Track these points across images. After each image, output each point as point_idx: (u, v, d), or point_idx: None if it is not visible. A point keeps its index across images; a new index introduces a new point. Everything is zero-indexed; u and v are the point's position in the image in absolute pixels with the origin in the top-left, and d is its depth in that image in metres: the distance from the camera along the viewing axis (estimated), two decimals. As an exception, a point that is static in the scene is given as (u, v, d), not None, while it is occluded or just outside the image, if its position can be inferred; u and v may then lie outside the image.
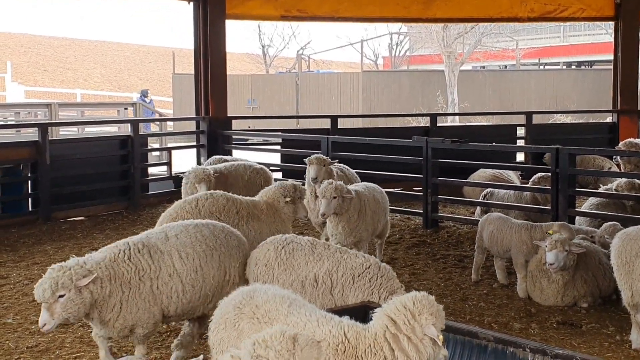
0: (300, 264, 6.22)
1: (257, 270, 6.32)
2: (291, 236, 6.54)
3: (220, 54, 15.59)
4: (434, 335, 4.28)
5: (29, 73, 57.01)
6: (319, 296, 6.05)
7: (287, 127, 20.97)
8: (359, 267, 6.09)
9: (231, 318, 4.67)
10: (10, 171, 12.66)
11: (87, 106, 30.92)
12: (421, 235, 11.70)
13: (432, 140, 12.49)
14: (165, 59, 62.27)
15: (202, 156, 15.60)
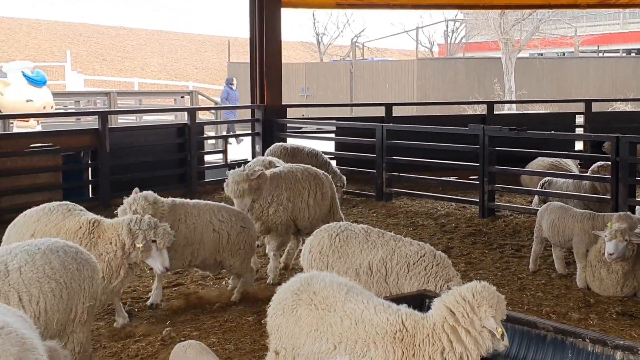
0: (355, 251, 6.22)
1: (311, 257, 6.34)
2: (345, 224, 6.55)
3: (276, 43, 15.64)
4: (492, 328, 4.25)
5: (88, 62, 57.99)
6: (374, 284, 6.04)
7: (341, 115, 21.00)
8: (414, 255, 6.06)
9: (289, 304, 4.71)
10: (71, 158, 12.91)
11: (144, 95, 31.33)
12: (477, 225, 11.61)
13: (489, 128, 12.36)
14: (221, 48, 62.74)
15: (257, 144, 15.72)
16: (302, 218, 8.92)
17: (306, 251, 6.43)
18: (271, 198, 8.63)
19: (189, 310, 7.69)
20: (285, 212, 8.72)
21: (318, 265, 6.23)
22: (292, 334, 4.65)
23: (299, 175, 8.99)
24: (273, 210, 8.63)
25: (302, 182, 8.96)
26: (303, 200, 8.89)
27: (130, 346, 6.67)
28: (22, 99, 20.50)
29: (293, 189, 8.84)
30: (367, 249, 6.20)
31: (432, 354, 4.28)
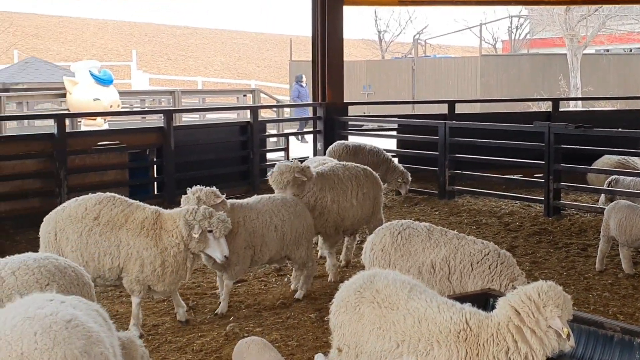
0: (417, 250, 6.19)
1: (372, 255, 6.33)
2: (408, 221, 6.52)
3: (338, 41, 15.66)
4: (558, 328, 4.19)
5: (153, 61, 58.95)
6: (437, 283, 6.01)
7: (403, 113, 20.89)
8: (478, 253, 6.01)
9: (352, 302, 4.71)
10: (137, 156, 13.14)
11: (208, 93, 31.69)
12: (542, 223, 11.44)
13: (554, 125, 12.17)
14: (283, 46, 63.08)
15: (318, 142, 15.77)
16: (347, 217, 8.73)
17: (368, 249, 6.42)
18: (314, 200, 8.43)
19: (252, 307, 7.77)
20: (331, 214, 8.54)
21: (380, 263, 6.23)
22: (354, 331, 4.66)
23: (341, 174, 8.80)
24: (318, 213, 8.43)
25: (344, 182, 8.77)
26: (347, 200, 8.71)
27: (195, 341, 6.77)
28: (90, 97, 20.97)
29: (337, 189, 8.66)
30: (430, 247, 6.17)
31: (497, 353, 4.24)
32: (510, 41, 54.18)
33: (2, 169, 11.24)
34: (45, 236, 6.88)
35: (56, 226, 6.84)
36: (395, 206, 13.06)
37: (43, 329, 3.55)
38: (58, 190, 11.50)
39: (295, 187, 8.23)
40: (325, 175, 8.66)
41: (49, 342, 3.50)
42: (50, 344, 3.50)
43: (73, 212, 6.87)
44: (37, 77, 25.44)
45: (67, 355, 3.50)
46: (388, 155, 13.40)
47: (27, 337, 3.51)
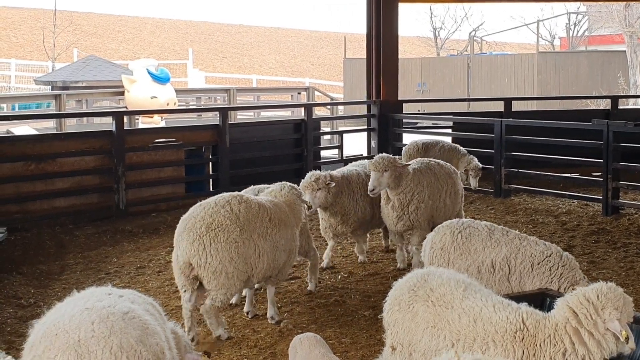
0: (477, 248, 6.13)
1: (432, 253, 6.30)
2: (468, 220, 6.48)
3: (393, 38, 15.61)
4: (616, 330, 4.12)
5: (209, 59, 59.50)
6: (496, 282, 5.95)
7: (458, 111, 20.73)
8: (539, 255, 5.93)
9: (405, 300, 4.70)
10: (193, 153, 13.30)
11: (262, 91, 31.89)
12: (600, 223, 11.24)
13: (613, 123, 11.96)
14: (336, 44, 63.08)
15: (372, 140, 15.75)
16: (438, 217, 8.74)
17: (427, 247, 6.39)
18: (412, 195, 8.56)
19: (305, 304, 7.80)
20: (427, 209, 8.66)
21: (439, 262, 6.20)
22: (408, 329, 4.64)
23: (437, 172, 8.98)
24: (414, 207, 8.57)
25: (440, 180, 8.93)
26: (441, 199, 8.87)
27: (250, 337, 6.83)
28: (147, 95, 21.29)
29: (433, 186, 8.81)
30: (490, 247, 6.10)
31: (554, 355, 4.18)
32: (568, 38, 53.29)
33: (62, 166, 11.48)
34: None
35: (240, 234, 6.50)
36: (449, 204, 12.95)
37: (100, 319, 3.65)
38: (116, 187, 11.71)
39: (393, 178, 8.38)
40: (423, 171, 8.85)
41: (105, 330, 3.60)
42: (107, 332, 3.60)
43: (249, 217, 6.57)
44: (96, 75, 25.89)
45: (123, 344, 3.59)
46: (462, 150, 13.33)
47: (84, 325, 3.61)
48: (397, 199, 8.54)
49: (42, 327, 3.72)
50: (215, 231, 6.38)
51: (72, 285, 8.21)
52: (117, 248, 10.28)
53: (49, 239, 10.38)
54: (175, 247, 6.54)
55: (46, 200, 11.31)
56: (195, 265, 6.34)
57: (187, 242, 6.37)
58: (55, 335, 3.59)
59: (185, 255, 6.36)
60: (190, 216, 6.54)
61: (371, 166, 8.36)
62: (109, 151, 11.79)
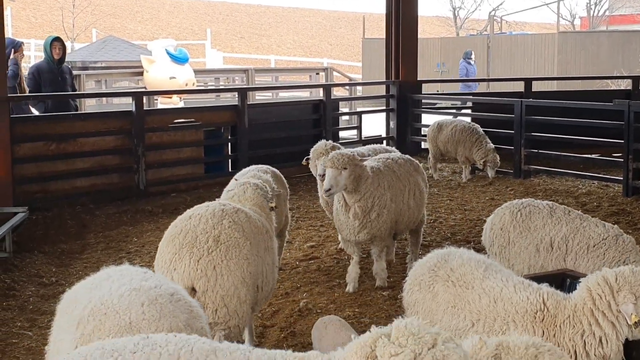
0: (537, 226, 6.07)
1: (492, 234, 6.27)
2: (529, 200, 6.40)
3: (412, 18, 15.53)
4: (627, 313, 4.09)
5: (227, 40, 59.43)
6: (552, 261, 5.88)
7: (477, 91, 20.61)
8: (596, 237, 5.85)
9: (426, 280, 4.71)
10: (212, 134, 13.33)
11: (280, 72, 31.83)
12: (620, 204, 11.18)
13: (634, 103, 11.87)
14: (355, 24, 62.79)
15: (391, 120, 15.70)
16: (402, 221, 7.78)
17: (487, 229, 6.37)
18: (372, 200, 7.37)
19: (325, 284, 7.83)
20: (389, 214, 7.52)
21: (499, 242, 6.18)
22: (429, 309, 4.66)
23: (397, 170, 7.81)
24: (375, 214, 7.40)
25: (402, 179, 7.80)
26: (404, 201, 7.75)
27: (269, 317, 6.87)
28: (166, 76, 21.32)
29: (394, 187, 7.65)
30: (551, 224, 6.03)
31: (573, 336, 4.18)
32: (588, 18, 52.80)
33: (83, 146, 11.55)
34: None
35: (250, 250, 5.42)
36: (468, 186, 12.94)
37: (150, 301, 3.64)
38: (136, 167, 11.77)
39: (352, 179, 7.16)
40: (383, 170, 7.68)
41: (155, 313, 3.60)
42: (157, 315, 3.59)
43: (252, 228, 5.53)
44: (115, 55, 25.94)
45: (172, 327, 3.58)
46: (479, 131, 13.25)
47: (135, 307, 3.60)
48: (358, 206, 7.29)
49: (86, 303, 3.67)
50: (225, 245, 5.16)
51: (94, 265, 8.30)
52: (137, 228, 10.35)
53: (69, 219, 10.47)
54: (162, 270, 5.16)
55: (67, 180, 11.39)
56: (200, 290, 5.06)
57: (190, 260, 5.08)
58: (104, 315, 3.56)
59: (187, 278, 5.06)
60: (185, 230, 5.23)
61: (327, 163, 7.11)
62: (128, 131, 11.84)
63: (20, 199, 10.44)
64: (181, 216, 5.41)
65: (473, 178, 13.37)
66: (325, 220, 10.15)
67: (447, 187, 12.92)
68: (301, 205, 11.52)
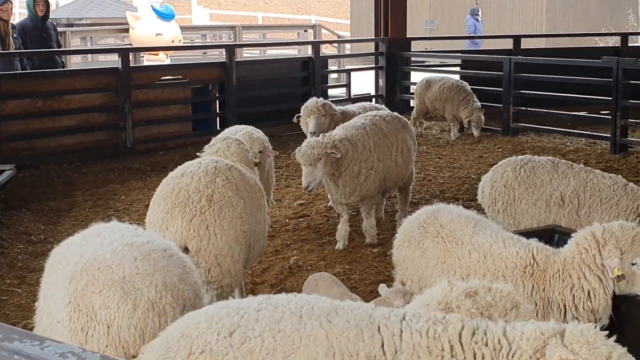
0: (544, 181, 6.03)
1: (494, 192, 6.20)
2: (527, 156, 6.34)
3: (401, -27, 15.37)
4: (610, 267, 4.11)
5: (213, -3, 58.74)
6: (565, 216, 5.86)
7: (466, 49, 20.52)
8: (607, 188, 5.86)
9: (415, 236, 4.73)
10: (199, 91, 13.24)
11: (268, 29, 31.56)
12: (608, 161, 11.22)
13: (623, 60, 11.87)
14: (343, -19, 62.17)
15: (380, 78, 15.63)
16: (390, 179, 7.76)
17: (487, 187, 6.29)
18: (359, 164, 7.31)
19: (314, 241, 7.85)
20: (377, 174, 7.49)
21: (503, 199, 6.13)
22: (418, 265, 4.68)
23: (384, 127, 7.74)
24: (364, 176, 7.38)
25: (389, 136, 7.73)
26: (392, 158, 7.69)
27: (259, 275, 6.89)
28: (152, 32, 21.06)
29: (381, 145, 7.58)
30: (558, 179, 6.00)
31: (562, 290, 4.22)
32: (578, -26, 52.48)
33: (69, 103, 11.47)
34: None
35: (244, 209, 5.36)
36: (457, 144, 12.94)
37: (143, 255, 3.64)
38: (123, 124, 11.70)
39: (329, 165, 7.09)
40: (369, 130, 7.56)
41: (149, 268, 3.59)
42: (151, 269, 3.59)
43: (245, 186, 5.41)
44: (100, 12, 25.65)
45: (166, 282, 3.58)
46: (467, 89, 13.22)
47: (128, 262, 3.59)
48: (345, 175, 7.26)
49: (78, 259, 3.66)
50: (219, 205, 5.05)
51: (82, 222, 8.28)
52: (125, 186, 10.32)
53: (57, 177, 10.42)
54: (154, 229, 5.03)
55: (54, 138, 11.32)
56: (193, 250, 4.97)
57: (182, 220, 4.98)
58: (97, 270, 3.55)
59: (180, 237, 4.96)
60: (177, 188, 5.11)
61: (300, 159, 6.93)
62: (115, 88, 11.75)
63: (7, 157, 10.36)
64: (173, 173, 5.29)
65: (461, 136, 13.37)
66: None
67: (435, 145, 12.92)
68: (290, 163, 11.50)
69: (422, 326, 2.77)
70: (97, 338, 3.48)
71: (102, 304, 3.48)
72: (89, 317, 3.48)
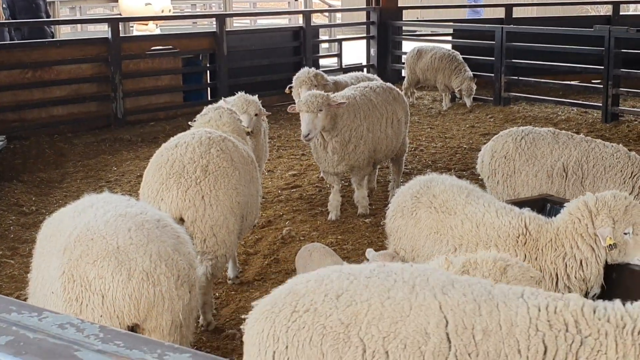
0: (545, 152, 5.98)
1: (494, 163, 6.16)
2: (528, 127, 6.29)
3: (392, -58, 15.25)
4: (602, 236, 4.13)
5: (203, -35, 58.24)
6: (569, 187, 5.83)
7: (458, 17, 20.44)
8: (610, 157, 5.83)
9: (409, 206, 4.73)
10: (190, 61, 13.16)
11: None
12: (599, 130, 11.25)
13: (615, 29, 11.84)
14: (334, -51, 61.61)
15: (371, 47, 15.56)
16: (379, 150, 7.74)
17: (487, 157, 6.24)
18: (349, 132, 7.32)
19: (307, 212, 7.87)
20: (367, 145, 7.48)
21: (503, 170, 6.09)
22: (411, 235, 4.69)
23: (374, 99, 7.71)
24: (353, 145, 7.37)
25: (379, 107, 7.70)
26: (381, 129, 7.67)
27: (252, 245, 6.90)
28: (141, 2, 20.87)
29: (371, 116, 7.57)
30: (559, 150, 5.95)
31: (555, 259, 4.23)
32: (570, -58, 52.13)
33: (59, 73, 11.39)
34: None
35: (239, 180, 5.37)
36: (449, 113, 12.94)
37: (136, 226, 3.64)
38: (114, 95, 11.64)
39: (329, 118, 7.12)
40: (359, 101, 7.57)
41: (143, 238, 3.59)
42: (145, 240, 3.59)
43: (239, 157, 5.41)
44: (88, -19, 25.35)
45: (160, 252, 3.59)
46: (459, 59, 13.18)
47: (121, 232, 3.59)
48: (335, 141, 7.26)
49: (71, 229, 3.66)
50: (214, 175, 5.04)
51: (74, 193, 8.27)
52: (116, 157, 10.29)
53: (48, 148, 10.38)
54: (149, 200, 5.00)
55: (44, 109, 11.26)
56: (189, 220, 4.95)
57: (178, 191, 4.96)
58: (91, 240, 3.55)
59: (175, 208, 4.94)
60: (171, 159, 5.08)
61: (302, 107, 6.95)
62: (105, 59, 11.67)
63: (-3, 128, 10.32)
64: (166, 144, 5.26)
65: (453, 106, 13.36)
66: (306, 149, 10.14)
67: (427, 115, 12.91)
68: (282, 134, 11.50)
69: (542, 302, 2.75)
70: (92, 308, 3.49)
71: (97, 274, 3.49)
72: (84, 288, 3.49)
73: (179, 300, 3.61)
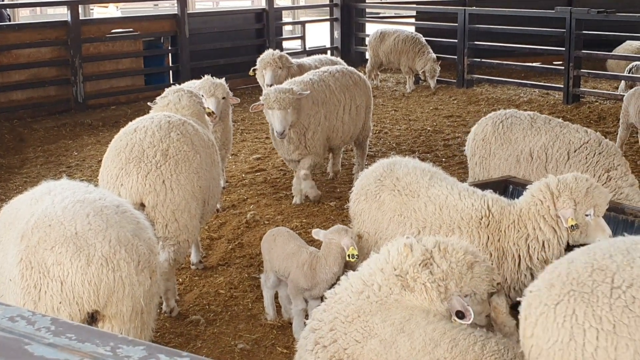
0: (518, 138, 6.02)
1: (474, 145, 6.24)
2: (512, 111, 6.33)
3: None
4: (564, 218, 4.16)
5: (164, -53, 57.58)
6: (533, 171, 5.84)
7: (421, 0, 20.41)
8: (577, 142, 5.79)
9: (372, 190, 4.72)
10: (151, 44, 13.00)
11: (221, -20, 30.95)
12: (561, 111, 11.34)
13: (576, 10, 11.91)
14: None
15: (335, 30, 15.51)
16: (335, 137, 7.67)
17: (470, 139, 6.32)
18: (308, 120, 7.27)
19: (271, 195, 7.83)
20: (323, 132, 7.42)
21: (480, 153, 6.14)
22: (375, 218, 4.68)
23: (332, 84, 7.61)
24: (311, 133, 7.32)
25: (337, 94, 7.61)
26: (338, 117, 7.62)
27: (216, 230, 6.86)
28: (102, -15, 20.55)
29: (329, 103, 7.47)
30: (531, 135, 5.97)
31: (517, 240, 4.26)
32: None
33: (18, 57, 11.19)
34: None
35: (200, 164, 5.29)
36: (412, 96, 12.95)
37: (95, 212, 3.57)
38: (74, 79, 11.47)
39: (297, 111, 7.08)
40: (316, 87, 7.46)
41: (102, 223, 3.53)
42: (104, 225, 3.52)
43: (199, 141, 5.32)
44: (47, -37, 24.92)
45: (120, 237, 3.52)
46: (422, 41, 13.20)
47: (80, 218, 3.52)
48: (293, 131, 7.19)
49: (28, 217, 3.59)
50: (175, 159, 4.94)
51: (34, 179, 8.14)
52: (77, 141, 10.15)
53: (7, 133, 10.21)
54: (108, 186, 4.89)
55: (2, 93, 11.07)
56: (150, 205, 4.87)
57: (138, 175, 4.86)
58: (49, 227, 3.48)
59: (136, 193, 4.85)
60: (130, 144, 4.97)
61: (274, 105, 6.84)
62: (64, 42, 11.48)
63: (-46, 114, 10.13)
64: (125, 128, 5.16)
65: (417, 88, 13.38)
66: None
67: (391, 97, 12.92)
68: (246, 117, 11.42)
69: None
70: (51, 295, 3.43)
71: (55, 260, 3.43)
72: (42, 274, 3.43)
73: (139, 286, 3.56)
